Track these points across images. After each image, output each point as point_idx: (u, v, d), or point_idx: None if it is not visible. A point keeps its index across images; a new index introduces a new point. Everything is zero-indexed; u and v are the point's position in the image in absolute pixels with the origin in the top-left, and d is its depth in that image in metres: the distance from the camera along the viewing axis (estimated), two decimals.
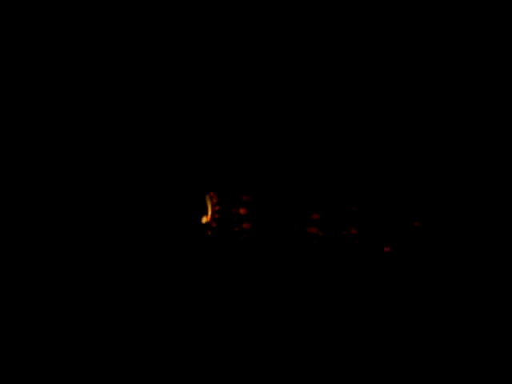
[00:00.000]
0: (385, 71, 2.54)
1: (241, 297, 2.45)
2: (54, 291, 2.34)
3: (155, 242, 2.49)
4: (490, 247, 2.52)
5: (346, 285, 2.51)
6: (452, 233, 2.55)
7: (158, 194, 2.53)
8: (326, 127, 2.61)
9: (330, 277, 2.52)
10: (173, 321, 2.37)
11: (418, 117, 2.59)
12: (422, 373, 2.35)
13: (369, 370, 2.35)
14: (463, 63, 2.53)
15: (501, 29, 2.46)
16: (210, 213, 2.57)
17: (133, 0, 2.46)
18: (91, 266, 2.40)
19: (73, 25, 2.46)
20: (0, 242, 2.34)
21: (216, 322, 2.39)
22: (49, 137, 2.46)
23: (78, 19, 2.47)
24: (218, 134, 2.60)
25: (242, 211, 2.58)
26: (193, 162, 2.58)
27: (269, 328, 2.40)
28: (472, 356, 2.37)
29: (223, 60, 2.56)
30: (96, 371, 2.21)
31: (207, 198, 2.58)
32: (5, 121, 2.41)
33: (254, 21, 2.49)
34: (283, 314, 2.44)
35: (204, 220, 2.56)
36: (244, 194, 2.59)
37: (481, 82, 2.53)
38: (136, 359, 2.26)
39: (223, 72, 2.57)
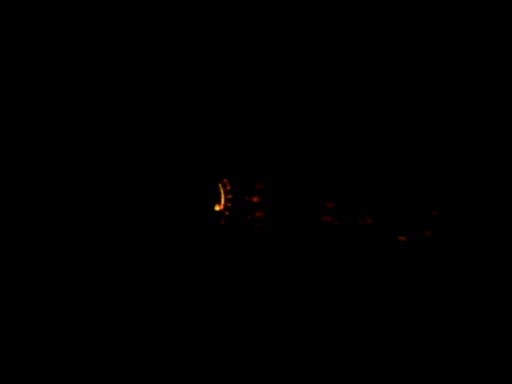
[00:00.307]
0: (404, 65, 2.48)
1: (254, 287, 2.44)
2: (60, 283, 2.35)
3: (167, 230, 2.48)
4: (509, 237, 2.47)
5: (361, 275, 2.47)
6: (470, 223, 2.49)
7: (171, 182, 2.51)
8: (341, 115, 2.55)
9: (344, 266, 2.49)
10: (185, 310, 2.37)
11: (434, 106, 2.52)
12: (434, 367, 2.32)
13: (381, 360, 2.33)
14: (463, 63, 2.46)
15: (501, 29, 2.39)
16: (223, 201, 2.54)
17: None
18: (101, 256, 2.40)
19: (73, 25, 2.43)
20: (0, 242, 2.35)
21: (228, 312, 2.38)
22: (49, 137, 2.45)
23: (77, 19, 2.43)
24: (231, 122, 2.56)
25: (255, 199, 2.54)
26: (205, 150, 2.55)
27: (281, 319, 2.39)
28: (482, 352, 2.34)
29: (241, 51, 2.51)
30: (97, 369, 2.22)
31: (220, 186, 2.55)
32: (5, 121, 2.40)
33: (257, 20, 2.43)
34: (296, 305, 2.42)
35: (217, 208, 2.54)
36: (257, 182, 2.55)
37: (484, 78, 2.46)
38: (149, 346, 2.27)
39: (239, 62, 2.52)
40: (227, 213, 2.54)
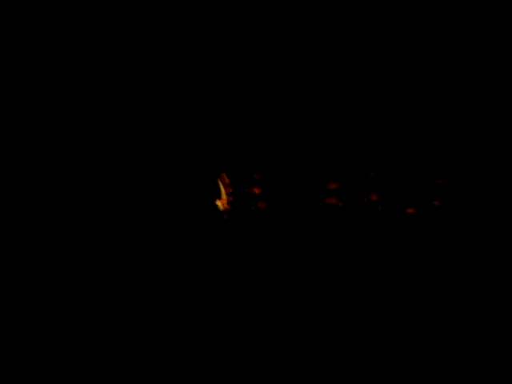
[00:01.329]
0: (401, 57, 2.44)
1: (265, 278, 2.37)
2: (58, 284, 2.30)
3: (172, 231, 2.42)
4: None
5: (372, 256, 2.40)
6: (476, 189, 2.43)
7: (169, 182, 2.45)
8: (336, 94, 2.50)
9: (355, 249, 2.42)
10: (193, 304, 2.31)
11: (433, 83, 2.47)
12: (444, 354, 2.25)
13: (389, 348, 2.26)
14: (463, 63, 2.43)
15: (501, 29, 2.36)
16: (223, 196, 2.49)
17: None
18: (104, 253, 2.35)
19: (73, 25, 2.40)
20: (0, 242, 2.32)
21: (238, 305, 2.31)
22: (49, 137, 2.41)
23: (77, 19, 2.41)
24: (223, 117, 2.51)
25: (256, 190, 2.49)
26: (200, 147, 2.50)
27: (296, 305, 2.32)
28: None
29: (244, 50, 2.47)
30: (96, 370, 2.16)
31: (219, 180, 2.49)
32: (5, 121, 2.37)
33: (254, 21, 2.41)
34: (309, 292, 2.35)
35: (219, 204, 2.48)
36: (255, 173, 2.50)
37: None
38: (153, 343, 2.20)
39: (237, 60, 2.48)
40: (229, 207, 2.48)
